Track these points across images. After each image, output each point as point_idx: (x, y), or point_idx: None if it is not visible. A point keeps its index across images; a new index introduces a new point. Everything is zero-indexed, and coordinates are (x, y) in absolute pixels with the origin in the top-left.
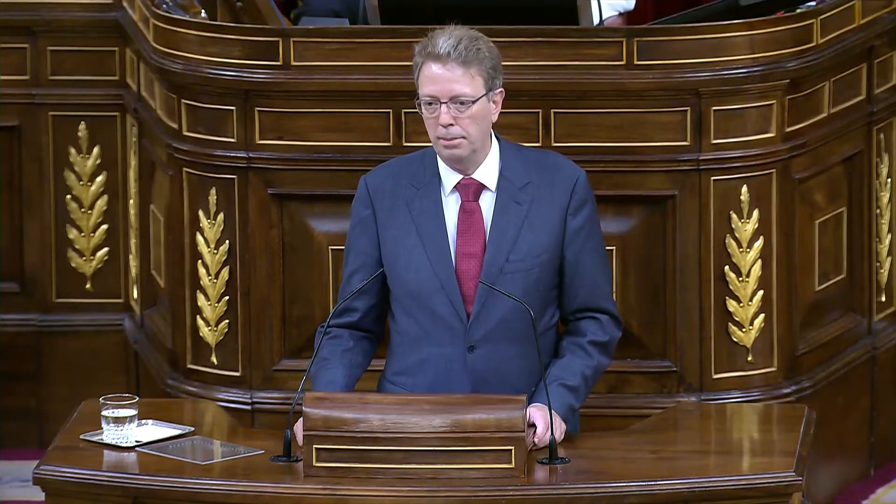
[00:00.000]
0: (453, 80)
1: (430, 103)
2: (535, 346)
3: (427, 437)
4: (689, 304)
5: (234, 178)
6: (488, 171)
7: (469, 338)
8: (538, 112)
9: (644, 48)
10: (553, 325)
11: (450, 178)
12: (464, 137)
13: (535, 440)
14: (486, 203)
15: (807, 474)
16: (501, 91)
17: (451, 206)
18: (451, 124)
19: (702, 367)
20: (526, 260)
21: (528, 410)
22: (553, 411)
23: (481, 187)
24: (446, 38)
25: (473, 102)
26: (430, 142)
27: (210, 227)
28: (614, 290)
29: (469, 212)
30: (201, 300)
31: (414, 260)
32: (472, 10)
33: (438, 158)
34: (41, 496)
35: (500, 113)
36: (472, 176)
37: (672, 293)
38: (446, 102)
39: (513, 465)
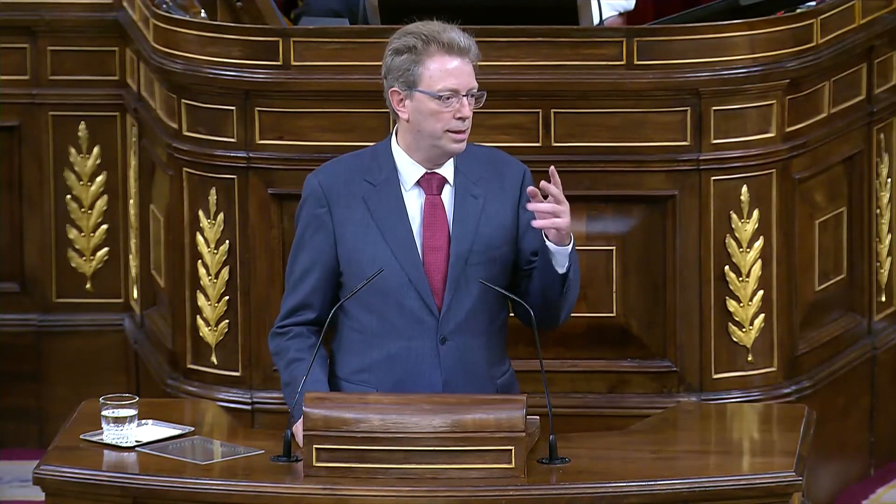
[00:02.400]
0: (470, 73)
1: (448, 97)
2: (495, 339)
3: (427, 437)
4: (689, 304)
5: (234, 178)
6: (447, 166)
7: (441, 330)
8: (538, 112)
9: (644, 48)
10: (507, 318)
11: (412, 172)
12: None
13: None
14: (446, 197)
15: (807, 474)
16: None
17: (413, 201)
18: (469, 116)
19: (702, 367)
20: (488, 252)
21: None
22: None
23: (443, 181)
24: (455, 32)
25: (482, 95)
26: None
27: (210, 227)
28: (614, 290)
29: (434, 205)
30: (201, 300)
31: (378, 255)
32: (472, 9)
33: (396, 153)
34: (41, 496)
35: (500, 113)
36: (436, 170)
37: (672, 293)
38: (465, 95)
39: (513, 465)
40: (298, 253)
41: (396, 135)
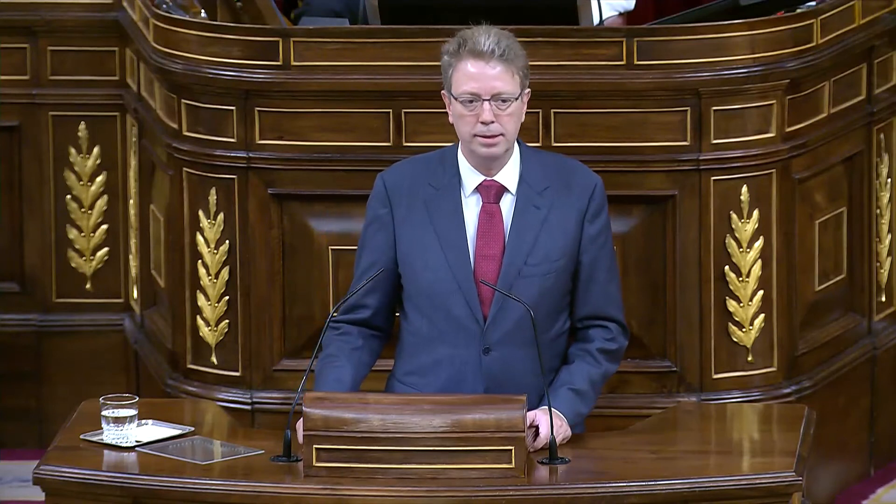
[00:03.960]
0: (495, 77)
1: (470, 101)
2: (547, 350)
3: (427, 437)
4: (689, 304)
5: (234, 178)
6: (510, 174)
7: (485, 340)
8: (538, 112)
9: (644, 48)
10: (566, 330)
11: (471, 179)
12: (502, 135)
13: (536, 444)
14: (506, 206)
15: (807, 474)
16: (529, 91)
17: (471, 208)
18: (493, 121)
19: (702, 367)
20: (543, 264)
21: (535, 413)
22: (559, 414)
23: (502, 189)
24: (486, 36)
25: (515, 100)
26: (435, 142)
27: (210, 227)
28: None
29: (490, 214)
30: (201, 300)
31: (431, 260)
32: (473, 10)
33: (460, 159)
34: (41, 496)
35: None
36: (494, 178)
37: (672, 293)
38: (488, 99)
39: (513, 465)
40: (362, 250)
41: None
